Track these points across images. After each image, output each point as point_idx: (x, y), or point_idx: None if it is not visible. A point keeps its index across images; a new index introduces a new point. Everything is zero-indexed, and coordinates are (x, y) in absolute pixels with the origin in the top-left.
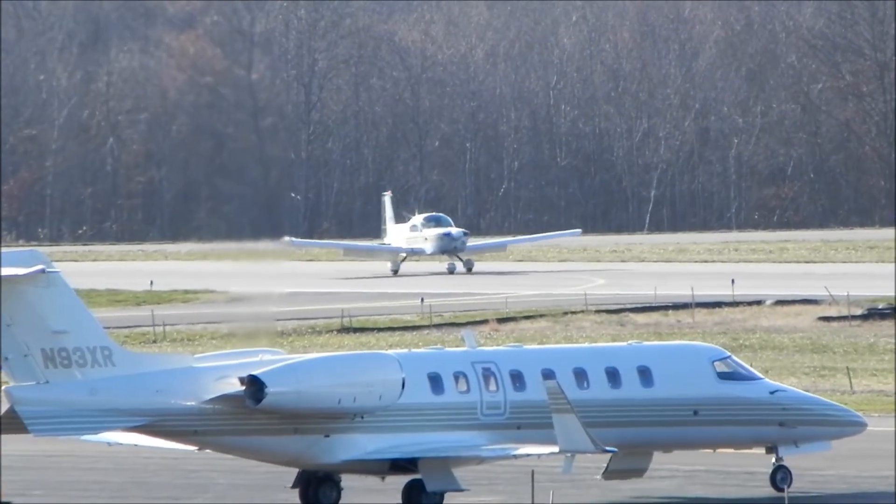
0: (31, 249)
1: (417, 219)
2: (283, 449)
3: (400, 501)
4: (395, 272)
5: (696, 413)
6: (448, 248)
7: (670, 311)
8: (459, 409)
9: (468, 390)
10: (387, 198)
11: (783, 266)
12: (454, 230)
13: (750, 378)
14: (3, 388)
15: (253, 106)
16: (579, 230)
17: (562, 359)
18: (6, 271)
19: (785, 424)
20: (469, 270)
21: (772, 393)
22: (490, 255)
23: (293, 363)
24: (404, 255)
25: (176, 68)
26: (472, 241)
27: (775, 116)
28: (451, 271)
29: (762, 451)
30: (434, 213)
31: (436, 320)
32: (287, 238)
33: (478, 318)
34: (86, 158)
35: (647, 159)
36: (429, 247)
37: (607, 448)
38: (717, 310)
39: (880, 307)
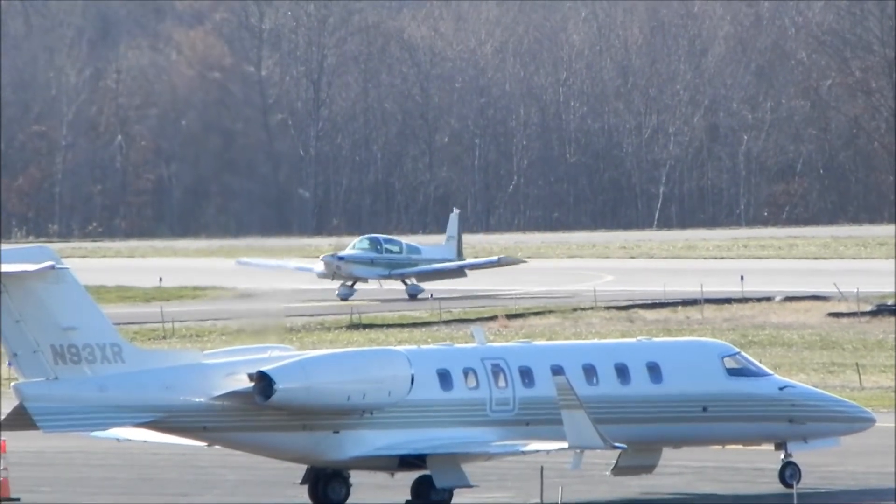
0: (40, 246)
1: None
2: (292, 445)
3: (409, 498)
4: (344, 298)
5: (705, 409)
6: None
7: (679, 308)
8: (468, 406)
9: (477, 386)
10: (453, 215)
11: (792, 262)
12: (326, 256)
13: (759, 374)
14: (12, 384)
15: (262, 102)
16: (497, 258)
17: (571, 355)
18: (16, 267)
19: (794, 421)
20: (412, 297)
21: (781, 389)
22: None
23: (302, 359)
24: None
25: (185, 65)
26: (427, 263)
27: (784, 113)
28: (344, 298)
29: (771, 447)
30: (371, 235)
31: (445, 317)
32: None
33: (487, 315)
34: (95, 155)
35: (657, 156)
36: None
37: (616, 444)
38: (727, 306)
39: (889, 303)
